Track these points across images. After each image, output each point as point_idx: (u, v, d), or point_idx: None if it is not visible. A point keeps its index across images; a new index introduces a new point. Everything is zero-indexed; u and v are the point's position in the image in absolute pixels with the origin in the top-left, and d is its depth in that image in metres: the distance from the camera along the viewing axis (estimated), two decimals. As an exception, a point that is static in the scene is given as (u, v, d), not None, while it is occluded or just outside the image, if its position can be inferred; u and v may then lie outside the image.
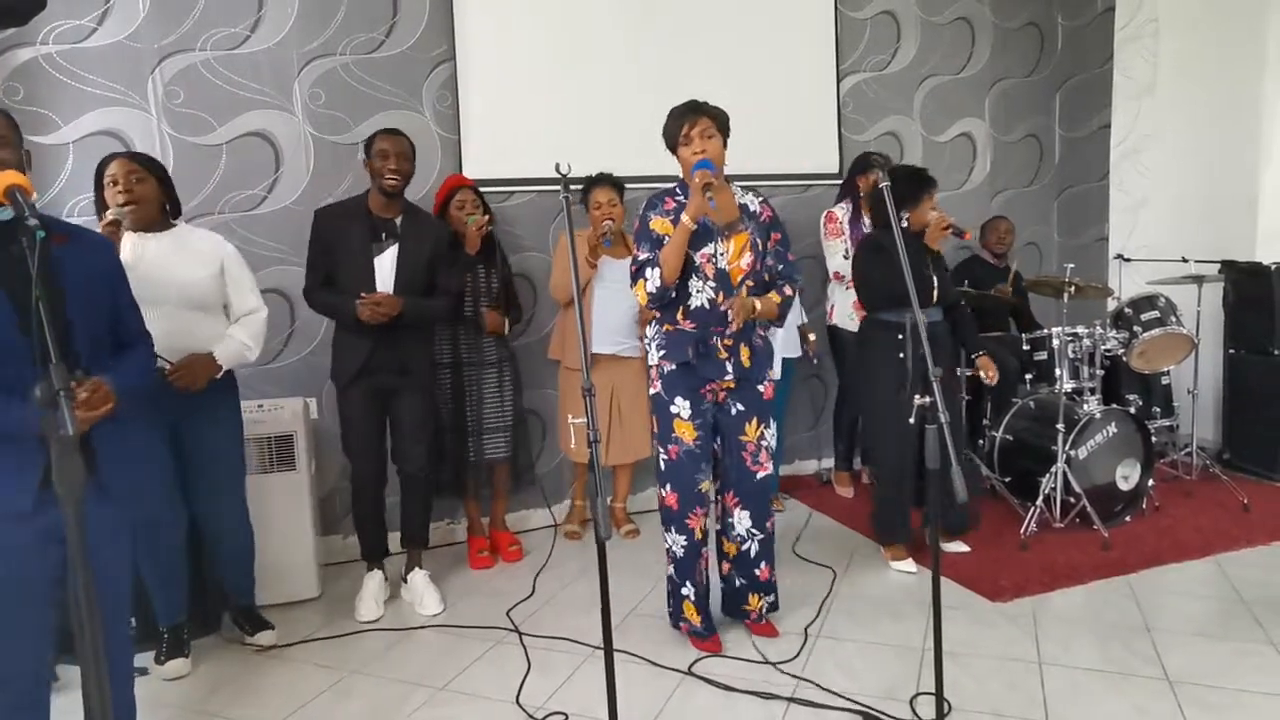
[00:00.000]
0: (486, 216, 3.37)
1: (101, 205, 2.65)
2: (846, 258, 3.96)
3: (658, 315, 2.71)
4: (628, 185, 3.67)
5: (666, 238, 2.59)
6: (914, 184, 3.18)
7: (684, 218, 2.52)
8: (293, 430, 3.20)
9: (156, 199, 2.67)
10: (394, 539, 3.32)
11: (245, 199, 3.49)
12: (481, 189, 3.56)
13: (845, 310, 4.03)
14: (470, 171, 3.73)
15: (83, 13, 3.23)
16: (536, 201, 3.92)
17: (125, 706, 2.08)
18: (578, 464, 3.90)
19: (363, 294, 2.93)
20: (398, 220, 3.04)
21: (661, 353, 2.68)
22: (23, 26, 3.08)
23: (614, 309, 3.61)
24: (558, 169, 2.07)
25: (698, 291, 2.61)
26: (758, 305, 2.62)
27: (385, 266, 3.00)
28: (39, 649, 1.83)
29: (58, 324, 1.73)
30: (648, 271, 2.60)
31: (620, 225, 3.57)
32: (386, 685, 2.62)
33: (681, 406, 2.66)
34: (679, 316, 2.65)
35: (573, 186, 3.07)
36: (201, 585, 2.93)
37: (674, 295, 2.62)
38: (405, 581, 3.24)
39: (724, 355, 2.64)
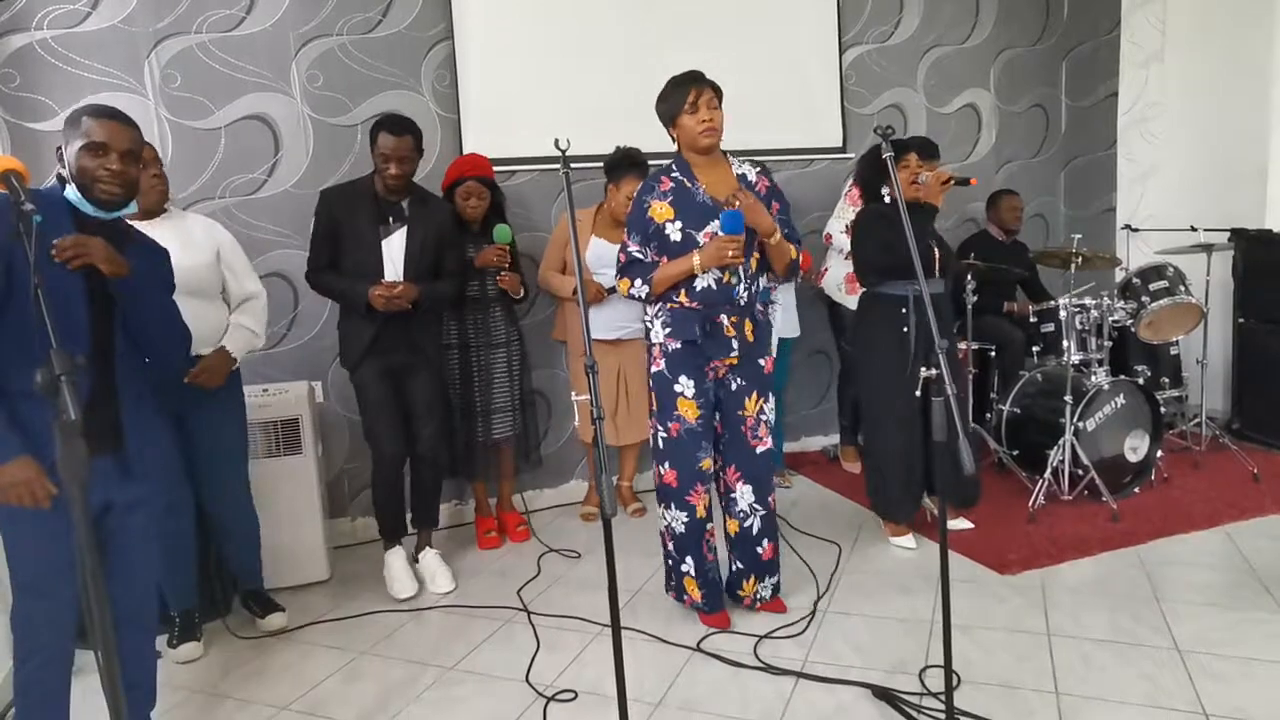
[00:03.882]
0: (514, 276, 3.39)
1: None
2: (846, 232, 3.88)
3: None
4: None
5: (667, 224, 2.56)
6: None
7: (695, 262, 2.52)
8: (298, 414, 3.19)
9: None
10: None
11: (245, 183, 3.47)
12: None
13: (836, 280, 3.96)
14: (471, 150, 3.68)
15: (76, -3, 3.20)
16: (539, 180, 3.89)
17: (147, 689, 2.10)
18: (590, 446, 3.88)
19: (382, 280, 2.92)
20: (404, 204, 3.03)
21: (667, 330, 2.63)
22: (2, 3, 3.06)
23: (612, 296, 3.57)
24: (557, 145, 2.05)
25: (703, 273, 2.57)
26: (766, 219, 2.54)
27: (394, 250, 2.99)
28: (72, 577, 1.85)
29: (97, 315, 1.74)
30: (637, 281, 2.62)
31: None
32: (396, 666, 2.64)
33: (685, 385, 2.63)
34: (682, 296, 2.61)
35: (577, 165, 3.03)
36: (210, 570, 2.95)
37: None
38: (417, 561, 3.25)
39: (731, 333, 2.62)
